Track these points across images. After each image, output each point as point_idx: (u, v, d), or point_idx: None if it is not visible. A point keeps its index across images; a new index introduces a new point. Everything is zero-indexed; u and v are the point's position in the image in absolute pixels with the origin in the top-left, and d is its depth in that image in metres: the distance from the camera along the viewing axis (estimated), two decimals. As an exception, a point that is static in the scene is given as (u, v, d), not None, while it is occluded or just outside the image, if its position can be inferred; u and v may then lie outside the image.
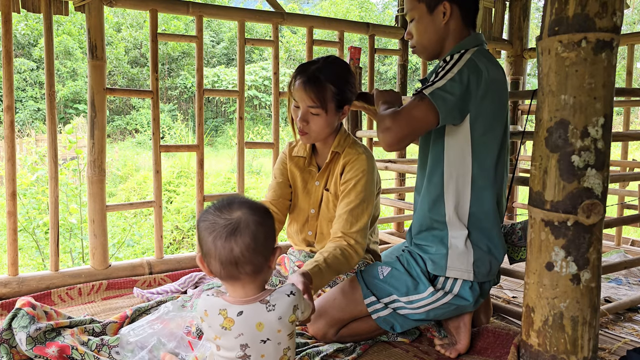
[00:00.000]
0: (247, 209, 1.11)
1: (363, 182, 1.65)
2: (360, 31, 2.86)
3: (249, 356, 1.12)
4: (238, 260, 1.08)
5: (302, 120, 1.65)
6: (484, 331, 1.68)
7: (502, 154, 1.55)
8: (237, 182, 2.58)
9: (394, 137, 1.42)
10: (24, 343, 1.40)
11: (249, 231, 1.09)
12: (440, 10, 1.54)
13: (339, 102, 1.66)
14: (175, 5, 2.34)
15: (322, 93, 1.61)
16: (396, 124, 1.41)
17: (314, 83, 1.61)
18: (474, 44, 1.54)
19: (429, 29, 1.57)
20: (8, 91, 2.03)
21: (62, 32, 15.12)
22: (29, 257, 4.46)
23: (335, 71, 1.65)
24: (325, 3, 19.26)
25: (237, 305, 1.12)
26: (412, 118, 1.41)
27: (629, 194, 2.87)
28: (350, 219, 1.62)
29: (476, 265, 1.51)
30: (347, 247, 1.59)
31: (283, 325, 1.13)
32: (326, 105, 1.63)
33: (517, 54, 3.34)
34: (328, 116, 1.65)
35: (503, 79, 1.53)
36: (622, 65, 9.12)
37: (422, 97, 1.42)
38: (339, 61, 1.71)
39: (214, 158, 10.87)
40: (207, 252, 1.10)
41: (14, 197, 2.09)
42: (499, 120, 1.52)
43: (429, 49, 1.61)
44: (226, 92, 2.60)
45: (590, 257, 1.18)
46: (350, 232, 1.61)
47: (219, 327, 1.12)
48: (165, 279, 2.23)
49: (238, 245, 1.08)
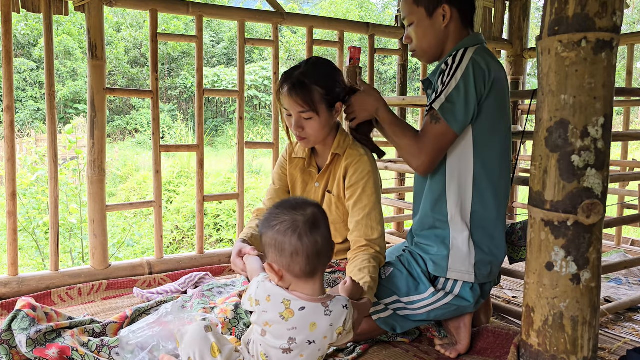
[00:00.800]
0: (313, 205, 1.21)
1: (371, 183, 1.65)
2: (360, 31, 2.86)
3: (291, 350, 1.16)
4: (320, 251, 1.15)
5: (296, 127, 1.63)
6: (484, 331, 1.68)
7: (506, 154, 1.54)
8: (237, 182, 2.58)
9: (429, 164, 1.51)
10: (24, 345, 1.40)
11: (325, 222, 1.19)
12: (439, 14, 1.53)
13: (329, 102, 1.63)
14: (175, 5, 2.34)
15: (310, 96, 1.58)
16: (425, 153, 1.49)
17: (300, 88, 1.58)
18: (473, 43, 1.53)
19: (428, 33, 1.56)
20: (8, 91, 2.03)
21: (62, 32, 15.12)
22: (29, 257, 4.46)
23: (320, 72, 1.63)
24: (325, 3, 19.26)
25: (302, 300, 1.16)
26: (436, 141, 1.47)
27: (629, 194, 2.87)
28: (370, 224, 1.61)
29: (477, 267, 1.51)
30: (377, 255, 1.58)
31: (330, 333, 1.17)
32: (316, 107, 1.60)
33: (517, 54, 3.34)
34: (321, 118, 1.62)
35: (505, 77, 1.53)
36: (622, 65, 9.12)
37: (437, 118, 1.45)
38: (322, 61, 1.68)
39: (214, 158, 10.87)
40: (294, 251, 1.14)
41: (14, 197, 2.09)
42: (502, 119, 1.52)
43: (429, 53, 1.61)
44: (226, 92, 2.60)
45: (590, 257, 1.18)
46: (374, 239, 1.60)
47: (277, 315, 1.15)
48: (165, 279, 2.23)
49: (321, 236, 1.16)
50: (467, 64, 1.45)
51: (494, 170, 1.52)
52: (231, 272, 2.36)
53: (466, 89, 1.43)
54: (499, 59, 3.40)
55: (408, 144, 1.50)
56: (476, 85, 1.43)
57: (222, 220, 5.42)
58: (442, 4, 1.52)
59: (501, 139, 1.52)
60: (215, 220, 5.44)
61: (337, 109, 1.66)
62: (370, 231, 1.60)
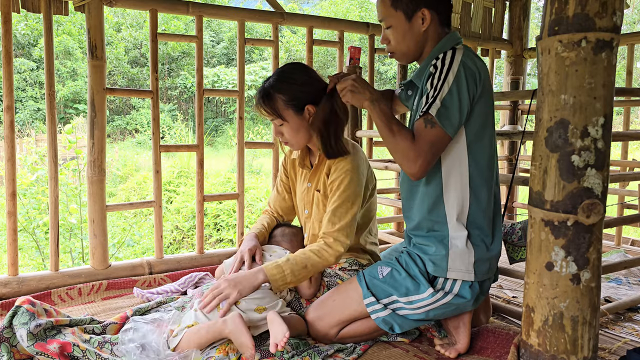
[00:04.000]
0: None
1: (346, 182, 1.66)
2: (360, 31, 2.86)
3: None
4: None
5: (276, 134, 1.74)
6: (484, 331, 1.68)
7: (494, 152, 1.56)
8: (237, 182, 2.58)
9: (425, 169, 1.46)
10: (24, 339, 1.40)
11: None
12: (418, 17, 1.53)
13: (296, 106, 1.66)
14: (175, 5, 2.34)
15: (272, 105, 1.66)
16: (422, 157, 1.44)
17: (265, 98, 1.67)
18: (454, 42, 1.54)
19: (407, 36, 1.55)
20: (8, 91, 2.03)
21: (62, 32, 15.13)
22: (29, 257, 4.46)
23: (283, 79, 1.67)
24: (325, 3, 19.26)
25: None
26: (433, 146, 1.45)
27: (629, 194, 2.87)
28: (332, 219, 1.64)
29: (476, 265, 1.51)
30: (321, 245, 1.62)
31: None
32: (281, 114, 1.66)
33: (517, 54, 3.34)
34: (291, 123, 1.67)
35: (489, 77, 1.54)
36: (622, 65, 9.12)
37: (432, 122, 1.43)
38: (289, 67, 1.73)
39: (214, 158, 10.87)
40: None
41: (14, 197, 2.09)
42: (489, 118, 1.54)
43: (409, 54, 1.60)
44: (226, 92, 2.60)
45: (590, 257, 1.18)
46: (331, 232, 1.63)
47: None
48: (165, 279, 2.23)
49: None
50: (457, 67, 1.45)
51: (486, 167, 1.53)
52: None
53: (459, 92, 1.43)
54: (499, 59, 3.40)
55: (404, 148, 1.46)
56: (468, 88, 1.44)
57: (222, 220, 5.42)
58: (420, 8, 1.51)
59: (490, 137, 1.54)
60: (215, 220, 5.44)
61: (309, 111, 1.67)
62: (330, 225, 1.63)
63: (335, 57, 3.24)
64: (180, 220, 5.51)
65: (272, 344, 1.40)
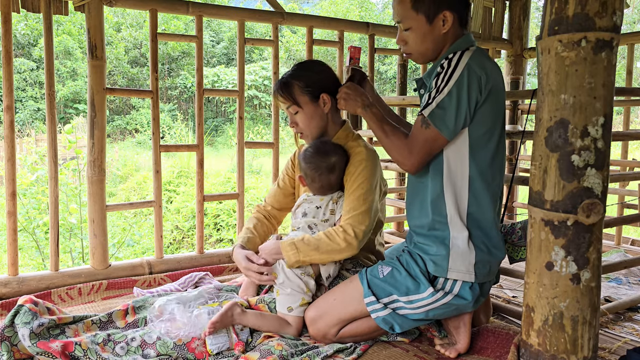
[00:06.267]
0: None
1: (363, 172, 1.68)
2: (360, 31, 2.86)
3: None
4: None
5: (291, 124, 1.78)
6: (484, 331, 1.68)
7: (498, 155, 1.55)
8: (237, 182, 2.58)
9: (418, 166, 1.53)
10: (26, 339, 1.40)
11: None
12: (439, 19, 1.52)
13: (312, 93, 1.72)
14: (175, 5, 2.34)
15: (289, 91, 1.72)
16: (415, 155, 1.51)
17: (282, 86, 1.74)
18: (467, 44, 1.53)
19: (427, 38, 1.55)
20: (8, 91, 2.03)
21: (62, 32, 15.13)
22: (29, 257, 4.46)
23: (300, 68, 1.78)
24: (325, 3, 19.25)
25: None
26: (426, 145, 1.49)
27: (629, 194, 2.87)
28: (347, 207, 1.66)
29: (477, 267, 1.51)
30: (334, 228, 1.63)
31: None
32: (297, 99, 1.72)
33: (517, 54, 3.34)
34: (306, 109, 1.73)
35: (501, 79, 1.53)
36: (622, 64, 9.11)
37: (427, 123, 1.46)
38: (309, 61, 1.87)
39: (214, 158, 10.87)
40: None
41: (14, 197, 2.09)
42: (497, 122, 1.52)
43: (427, 55, 1.60)
44: (226, 92, 2.60)
45: (590, 257, 1.18)
46: (345, 218, 1.64)
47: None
48: (165, 278, 2.23)
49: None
50: (461, 70, 1.44)
51: (488, 171, 1.52)
52: (231, 272, 2.36)
53: (459, 96, 1.43)
54: (499, 59, 3.40)
55: (398, 146, 1.53)
56: (469, 92, 1.43)
57: (222, 220, 5.42)
58: (442, 10, 1.51)
59: (496, 141, 1.53)
60: (215, 220, 5.44)
61: (324, 99, 1.74)
62: (345, 213, 1.65)
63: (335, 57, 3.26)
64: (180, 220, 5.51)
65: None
